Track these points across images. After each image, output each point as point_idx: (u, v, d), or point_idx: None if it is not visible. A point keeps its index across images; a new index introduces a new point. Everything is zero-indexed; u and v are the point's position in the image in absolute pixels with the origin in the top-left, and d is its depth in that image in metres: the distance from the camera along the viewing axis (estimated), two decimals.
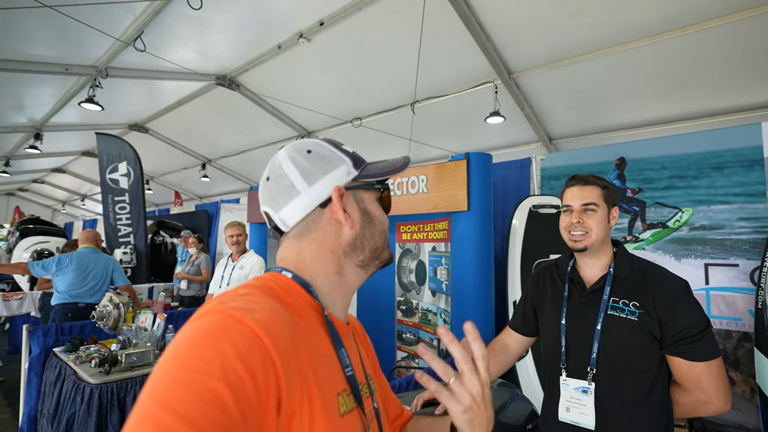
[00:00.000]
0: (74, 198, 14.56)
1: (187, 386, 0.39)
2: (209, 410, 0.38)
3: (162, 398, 0.39)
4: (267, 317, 0.47)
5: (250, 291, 0.53)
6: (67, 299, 3.53)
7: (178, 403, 0.38)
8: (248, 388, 0.41)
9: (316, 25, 4.29)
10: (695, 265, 2.65)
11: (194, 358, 0.41)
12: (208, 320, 0.45)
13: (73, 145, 9.02)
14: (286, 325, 0.49)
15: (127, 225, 5.83)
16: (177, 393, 0.38)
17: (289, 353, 0.46)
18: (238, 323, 0.44)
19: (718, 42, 3.58)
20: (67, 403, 2.29)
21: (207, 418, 0.37)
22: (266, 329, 0.45)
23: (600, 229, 1.22)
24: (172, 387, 0.39)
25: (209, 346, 0.41)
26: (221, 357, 0.41)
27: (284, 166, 0.64)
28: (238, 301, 0.48)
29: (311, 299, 0.59)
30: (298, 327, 0.52)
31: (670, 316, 1.12)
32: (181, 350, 0.42)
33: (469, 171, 2.72)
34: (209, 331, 0.43)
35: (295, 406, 0.46)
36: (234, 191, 10.04)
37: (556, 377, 1.25)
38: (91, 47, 4.55)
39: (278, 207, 0.64)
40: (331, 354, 0.57)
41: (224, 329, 0.43)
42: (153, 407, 0.38)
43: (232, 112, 6.49)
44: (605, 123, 5.20)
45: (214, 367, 0.40)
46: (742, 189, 2.54)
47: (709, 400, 1.11)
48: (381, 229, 0.67)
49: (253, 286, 0.56)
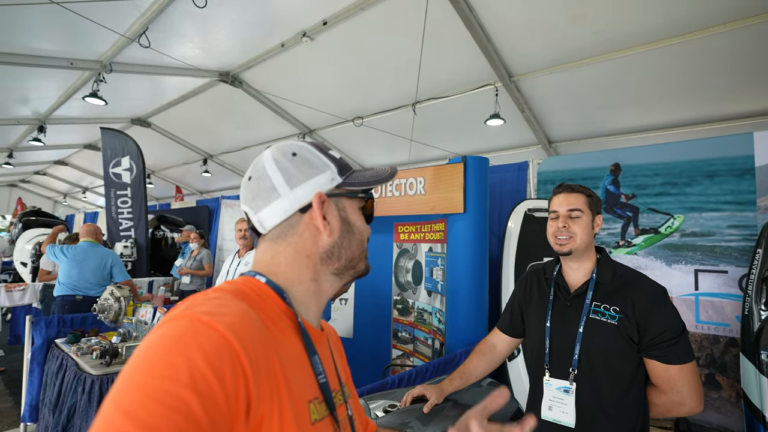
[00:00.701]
0: (75, 190, 14.62)
1: (154, 395, 0.38)
2: (176, 419, 0.37)
3: (127, 408, 0.37)
4: (237, 321, 0.46)
5: (220, 294, 0.52)
6: (66, 291, 3.61)
7: (143, 412, 0.37)
8: (217, 394, 0.40)
9: (320, 25, 4.33)
10: (685, 270, 2.69)
11: (161, 365, 0.40)
12: (177, 325, 0.44)
13: (75, 138, 9.07)
14: (256, 329, 0.48)
15: (128, 219, 5.88)
16: (143, 402, 0.38)
17: (258, 358, 0.45)
18: (207, 327, 0.43)
19: (716, 50, 3.62)
20: (68, 393, 2.35)
21: (173, 426, 0.37)
22: (236, 333, 0.44)
23: (584, 234, 1.27)
24: (137, 396, 0.38)
25: (177, 353, 0.41)
26: (189, 363, 0.40)
27: (267, 167, 0.63)
28: (208, 305, 0.47)
29: (284, 305, 0.58)
30: (269, 332, 0.51)
31: (647, 321, 1.18)
32: (148, 357, 0.41)
33: (466, 174, 2.76)
34: (177, 336, 0.42)
35: (265, 411, 0.45)
36: (235, 187, 10.08)
37: (539, 377, 1.30)
38: (97, 42, 4.59)
39: (257, 208, 0.63)
40: (303, 361, 0.56)
41: (193, 334, 0.42)
42: (117, 417, 0.37)
43: (234, 108, 6.54)
44: (604, 127, 5.24)
45: (182, 374, 0.39)
46: (732, 197, 2.58)
47: (683, 401, 1.17)
48: (359, 240, 0.66)
49: (224, 289, 0.54)
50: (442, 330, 2.95)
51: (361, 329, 3.80)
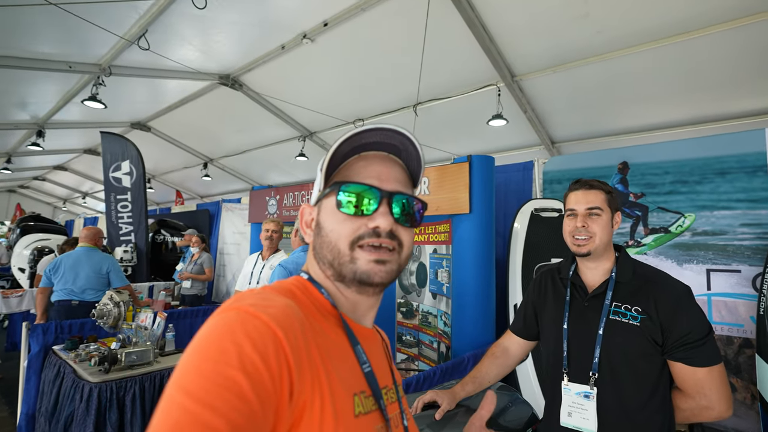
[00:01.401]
0: (75, 196, 14.58)
1: (209, 376, 0.42)
2: (229, 397, 0.41)
3: (186, 387, 0.42)
4: (279, 312, 0.49)
5: (266, 291, 0.56)
6: (62, 296, 3.56)
7: (201, 391, 0.41)
8: (264, 376, 0.43)
9: (320, 26, 4.30)
10: (697, 270, 2.64)
11: (214, 350, 0.44)
12: (226, 316, 0.48)
13: (75, 142, 9.04)
14: (297, 320, 0.51)
15: (128, 223, 5.83)
16: (199, 382, 0.42)
17: (300, 347, 0.48)
18: (253, 318, 0.47)
19: (722, 48, 3.58)
20: (65, 401, 2.29)
21: (228, 404, 0.41)
22: (278, 323, 0.47)
23: (604, 234, 1.21)
24: (195, 377, 0.42)
25: (227, 339, 0.45)
26: (238, 348, 0.44)
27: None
28: (254, 299, 0.51)
29: (324, 299, 0.60)
30: (311, 325, 0.53)
31: (672, 322, 1.12)
32: (202, 344, 0.45)
33: (471, 173, 2.71)
34: (227, 325, 0.46)
35: (306, 399, 0.48)
36: (235, 191, 10.04)
37: (557, 382, 1.24)
38: (96, 45, 4.56)
39: None
40: (348, 354, 0.58)
41: (241, 323, 0.46)
42: (178, 396, 0.41)
43: (234, 111, 6.50)
44: (608, 127, 5.19)
45: (232, 357, 0.43)
46: (745, 195, 2.53)
47: (711, 405, 1.11)
48: (327, 241, 0.60)
49: (271, 287, 0.59)
50: (448, 333, 2.89)
51: None
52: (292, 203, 4.56)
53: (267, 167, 8.70)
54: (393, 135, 0.62)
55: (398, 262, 0.61)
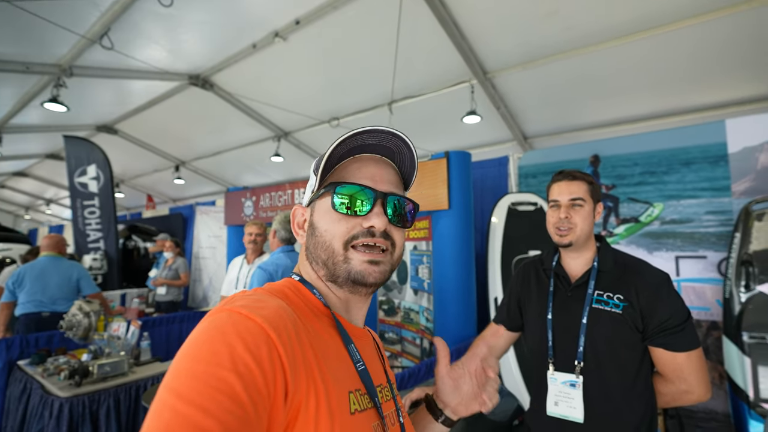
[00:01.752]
0: (38, 203, 13.91)
1: (201, 377, 0.42)
2: (221, 399, 0.41)
3: (178, 390, 0.41)
4: (272, 314, 0.49)
5: (257, 292, 0.56)
6: (30, 309, 3.37)
7: (193, 393, 0.41)
8: (257, 378, 0.43)
9: (292, 24, 4.23)
10: (666, 257, 2.74)
11: (206, 352, 0.44)
12: (218, 318, 0.48)
13: (36, 147, 8.60)
14: (290, 321, 0.51)
15: (97, 230, 5.61)
16: (191, 384, 0.41)
17: (294, 348, 0.48)
18: (245, 319, 0.47)
19: (686, 43, 3.72)
20: (33, 419, 2.18)
21: (220, 406, 0.40)
22: (271, 323, 0.48)
23: (585, 225, 1.24)
24: (186, 379, 0.42)
25: (219, 341, 0.44)
26: (230, 350, 0.44)
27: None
28: (245, 300, 0.51)
29: (317, 300, 0.61)
30: (304, 326, 0.53)
31: (652, 309, 1.15)
32: (194, 346, 0.45)
33: (449, 169, 2.73)
34: (219, 327, 0.46)
35: (302, 399, 0.47)
36: (209, 193, 9.80)
37: (543, 372, 1.26)
38: (54, 45, 4.34)
39: None
40: (342, 353, 0.58)
41: (233, 325, 0.46)
42: (170, 398, 0.41)
43: (206, 112, 6.33)
44: (578, 122, 5.33)
45: (224, 359, 0.43)
46: (708, 184, 2.65)
47: (691, 389, 1.14)
48: (322, 241, 0.61)
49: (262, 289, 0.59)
50: (431, 329, 2.91)
51: None
52: (269, 204, 4.49)
53: (241, 169, 8.53)
54: (389, 137, 0.62)
55: (391, 262, 0.62)
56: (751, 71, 3.90)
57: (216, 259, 6.40)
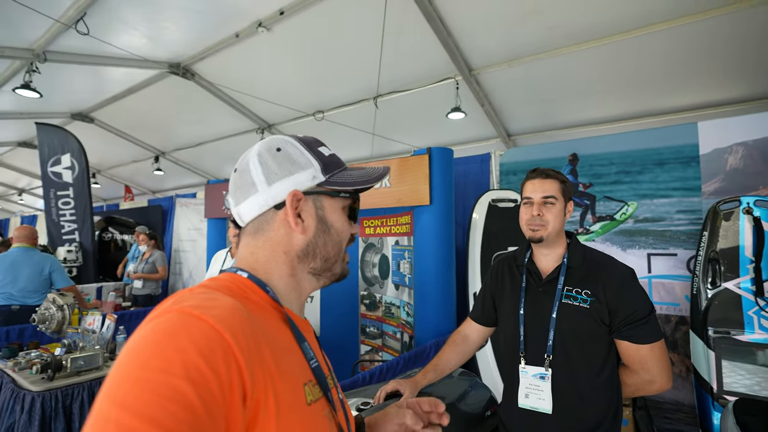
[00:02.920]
0: (10, 192, 13.42)
1: (149, 387, 0.38)
2: (174, 409, 0.38)
3: (123, 401, 0.38)
4: (226, 313, 0.47)
5: (206, 290, 0.53)
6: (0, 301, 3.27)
7: (141, 404, 0.37)
8: (211, 384, 0.41)
9: (276, 14, 4.17)
10: (639, 254, 2.83)
11: (155, 358, 0.40)
12: (167, 319, 0.44)
13: (7, 135, 8.29)
14: (245, 320, 0.49)
15: (71, 221, 5.45)
16: (139, 395, 0.38)
17: (250, 347, 0.46)
18: (197, 320, 0.44)
19: (662, 46, 3.82)
20: (5, 413, 2.12)
21: (172, 417, 0.37)
22: (226, 325, 0.45)
23: (557, 222, 1.27)
24: (133, 389, 0.38)
25: (169, 345, 0.41)
26: (182, 355, 0.41)
27: (251, 161, 0.64)
28: (196, 299, 0.48)
29: (269, 298, 0.60)
30: (258, 323, 0.52)
31: (618, 303, 1.19)
32: (140, 351, 0.42)
33: (431, 165, 2.75)
34: (168, 329, 0.43)
35: (260, 397, 0.46)
36: (190, 185, 9.62)
37: (515, 365, 1.29)
38: (27, 29, 4.19)
39: (237, 201, 0.65)
40: (294, 348, 0.58)
41: (183, 327, 0.43)
42: (114, 411, 0.37)
43: (186, 102, 6.20)
44: (560, 120, 5.42)
45: (176, 365, 0.40)
46: (680, 183, 2.74)
47: (653, 379, 1.19)
48: (336, 240, 0.65)
49: (208, 286, 0.55)
50: (411, 323, 2.94)
51: (328, 326, 3.72)
52: None
53: (223, 160, 8.39)
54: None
55: None
56: (723, 75, 4.04)
57: (196, 253, 6.31)
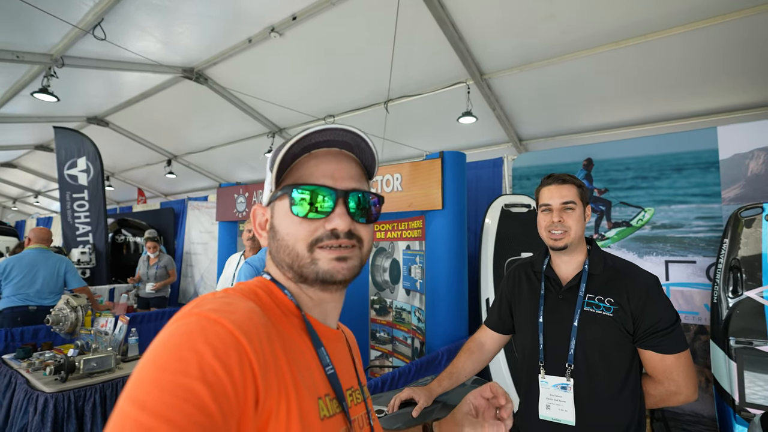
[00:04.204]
0: (27, 195, 13.69)
1: (166, 387, 0.39)
2: (189, 409, 0.39)
3: (141, 400, 0.39)
4: (243, 318, 0.47)
5: (228, 294, 0.53)
6: (16, 302, 3.31)
7: (158, 404, 0.38)
8: (226, 386, 0.41)
9: (289, 20, 4.20)
10: (656, 261, 2.77)
11: (172, 360, 0.41)
12: (186, 323, 0.45)
13: (25, 138, 8.46)
14: (262, 326, 0.49)
15: (85, 223, 5.53)
16: (156, 395, 0.39)
17: (265, 354, 0.47)
18: (214, 324, 0.45)
19: (679, 50, 3.76)
20: (18, 414, 2.14)
21: (187, 417, 0.38)
22: (242, 329, 0.46)
23: (578, 228, 1.24)
24: (151, 389, 0.39)
25: (187, 348, 0.42)
26: (198, 357, 0.42)
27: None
28: (215, 303, 0.49)
29: (288, 301, 0.59)
30: (276, 329, 0.52)
31: (642, 311, 1.16)
32: (159, 353, 0.43)
33: (443, 170, 2.73)
34: (187, 333, 0.44)
35: (273, 405, 0.46)
36: (202, 188, 9.71)
37: (534, 375, 1.26)
38: (46, 34, 4.27)
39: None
40: (312, 357, 0.56)
41: (201, 330, 0.44)
42: (133, 410, 0.38)
43: (199, 106, 6.27)
44: (573, 125, 5.36)
45: (192, 367, 0.41)
46: (699, 189, 2.67)
47: (679, 390, 1.15)
48: (284, 244, 0.59)
49: (234, 289, 0.56)
50: (422, 329, 2.91)
51: None
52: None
53: (235, 164, 8.46)
54: (344, 134, 0.60)
55: (360, 257, 0.60)
56: (743, 79, 3.95)
57: (208, 255, 6.35)
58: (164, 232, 6.81)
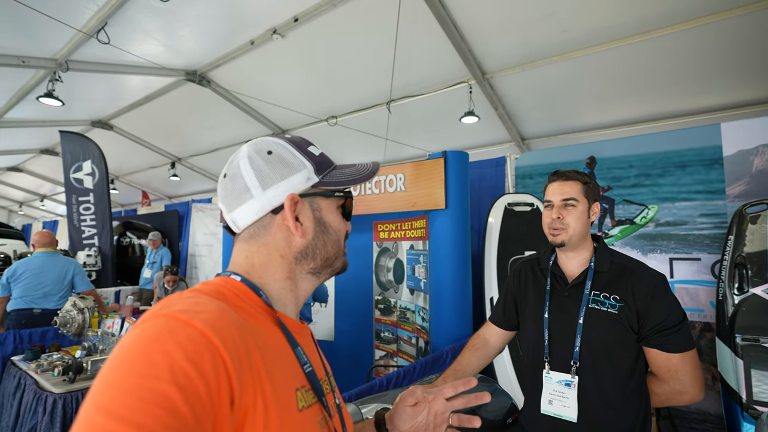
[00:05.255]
0: (33, 198, 13.80)
1: (135, 392, 0.38)
2: (160, 414, 0.37)
3: (108, 407, 0.37)
4: (214, 317, 0.46)
5: (195, 294, 0.52)
6: (21, 305, 3.35)
7: (126, 410, 0.37)
8: (199, 388, 0.40)
9: (291, 21, 4.22)
10: (660, 259, 2.76)
11: (141, 363, 0.40)
12: (153, 324, 0.44)
13: (30, 142, 8.54)
14: (234, 324, 0.48)
15: (91, 226, 5.58)
16: (124, 400, 0.37)
17: (239, 351, 0.46)
18: (184, 325, 0.44)
19: (682, 47, 3.75)
20: (27, 414, 2.16)
21: (157, 421, 0.37)
22: (214, 329, 0.45)
23: (578, 225, 1.24)
24: (118, 395, 0.38)
25: (156, 350, 0.41)
26: (169, 360, 0.40)
27: (242, 165, 0.62)
28: (183, 304, 0.47)
29: (261, 302, 0.58)
30: (248, 327, 0.51)
31: (648, 309, 1.15)
32: (126, 357, 0.41)
33: (446, 169, 2.74)
34: (155, 335, 0.42)
35: (249, 402, 0.46)
36: (205, 191, 9.77)
37: (538, 371, 1.26)
38: (50, 39, 4.31)
39: (230, 207, 0.62)
40: (287, 352, 0.57)
41: (170, 332, 0.43)
42: (99, 417, 0.37)
43: (202, 109, 6.31)
44: (575, 123, 5.36)
45: (162, 370, 0.39)
46: (703, 186, 2.67)
47: (684, 389, 1.15)
48: (335, 239, 0.66)
49: (199, 290, 0.55)
50: (426, 328, 2.91)
51: (342, 331, 3.72)
52: None
53: None
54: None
55: None
56: (746, 75, 3.94)
57: (212, 257, 6.38)
58: (169, 235, 6.84)
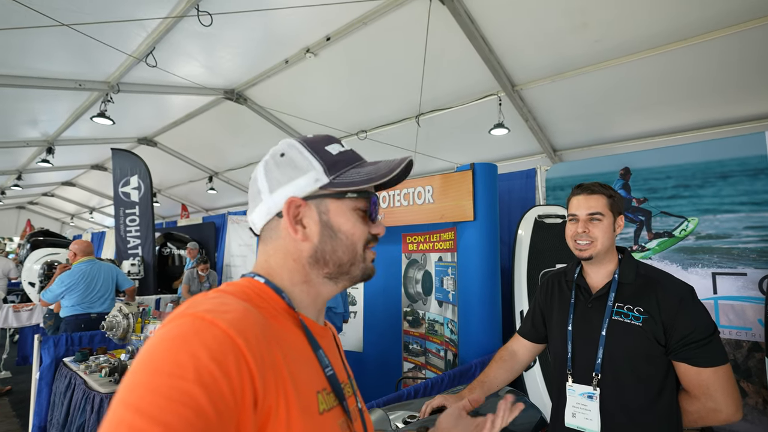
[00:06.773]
0: (83, 211, 14.73)
1: (162, 391, 0.39)
2: (185, 413, 0.38)
3: (136, 405, 0.38)
4: (238, 318, 0.47)
5: (220, 294, 0.53)
6: (80, 311, 3.59)
7: (153, 408, 0.38)
8: (223, 388, 0.41)
9: (323, 40, 4.39)
10: (702, 274, 2.64)
11: (167, 362, 0.41)
12: (179, 324, 0.45)
13: (83, 158, 9.18)
14: (258, 325, 0.49)
15: (136, 237, 5.91)
16: (152, 399, 0.38)
17: (262, 352, 0.46)
18: (209, 325, 0.44)
19: (718, 54, 3.62)
20: (77, 412, 2.31)
21: (183, 420, 0.38)
22: (238, 329, 0.45)
23: (605, 238, 1.23)
24: (146, 394, 0.39)
25: (182, 350, 0.42)
26: (194, 360, 0.41)
27: (258, 169, 0.65)
28: (208, 304, 0.48)
29: (284, 304, 0.59)
30: (271, 328, 0.52)
31: (674, 321, 1.12)
32: (153, 356, 0.42)
33: (474, 181, 2.75)
34: (181, 335, 0.43)
35: (272, 403, 0.46)
36: (241, 203, 10.12)
37: (562, 383, 1.25)
38: (104, 63, 4.67)
39: (250, 210, 0.65)
40: (308, 354, 0.57)
41: (196, 332, 0.43)
42: (127, 414, 0.38)
43: (239, 125, 6.60)
44: (609, 134, 5.22)
45: (188, 370, 0.40)
46: (747, 198, 2.54)
47: (718, 407, 1.09)
48: (347, 244, 0.61)
49: (224, 290, 0.56)
50: (455, 341, 2.89)
51: (370, 342, 3.74)
52: None
53: None
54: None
55: None
56: None
57: (246, 267, 6.59)
58: (206, 245, 7.12)
